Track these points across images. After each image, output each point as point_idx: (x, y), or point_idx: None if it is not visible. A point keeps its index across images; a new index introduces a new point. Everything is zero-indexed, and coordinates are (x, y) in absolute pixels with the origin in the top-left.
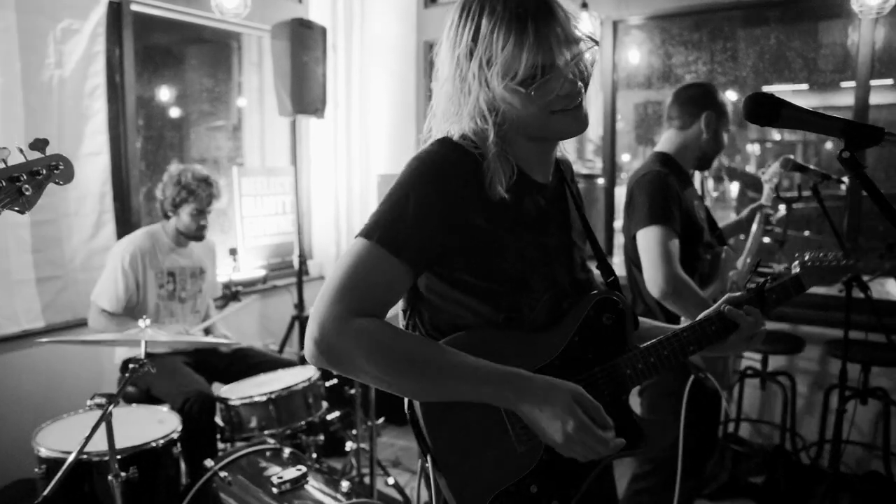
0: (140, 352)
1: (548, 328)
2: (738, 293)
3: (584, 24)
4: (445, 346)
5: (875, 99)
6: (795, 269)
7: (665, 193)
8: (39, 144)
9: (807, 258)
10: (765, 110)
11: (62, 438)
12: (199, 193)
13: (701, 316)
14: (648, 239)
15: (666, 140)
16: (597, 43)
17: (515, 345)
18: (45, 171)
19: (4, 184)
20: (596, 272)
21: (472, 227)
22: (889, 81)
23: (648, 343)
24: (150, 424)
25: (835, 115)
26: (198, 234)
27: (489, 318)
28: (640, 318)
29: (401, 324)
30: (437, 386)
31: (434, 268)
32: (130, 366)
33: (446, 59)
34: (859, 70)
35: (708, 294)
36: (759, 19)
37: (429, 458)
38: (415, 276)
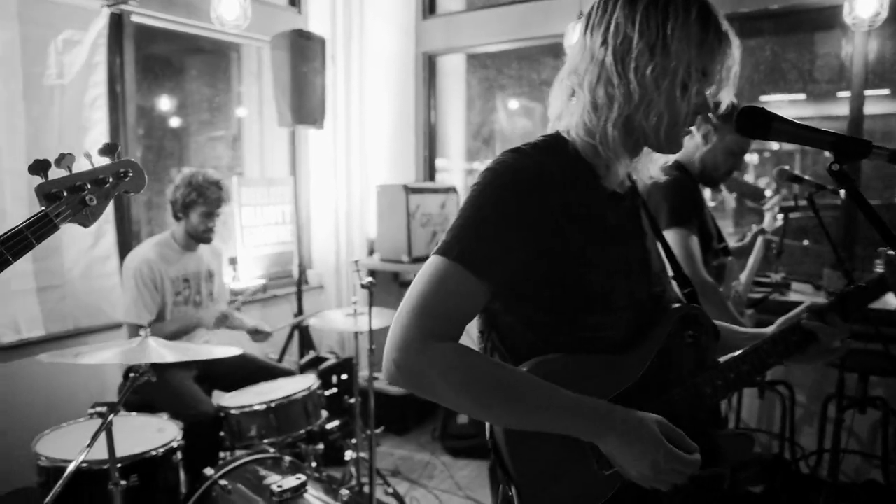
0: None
1: (627, 349)
2: (821, 301)
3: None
4: (526, 373)
5: (870, 109)
6: (879, 270)
7: (684, 196)
8: (109, 149)
9: (894, 255)
10: (756, 123)
11: (62, 447)
12: (209, 195)
13: (780, 326)
14: (672, 241)
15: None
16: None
17: (595, 369)
18: (112, 179)
19: (66, 194)
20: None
21: (556, 240)
22: (884, 91)
23: (728, 358)
24: (151, 433)
25: (825, 129)
26: (205, 235)
27: (569, 339)
28: (722, 325)
29: (477, 346)
30: (515, 415)
31: (514, 286)
32: (131, 374)
33: (591, 42)
34: (853, 81)
35: None
36: (753, 31)
37: (512, 489)
38: (493, 295)
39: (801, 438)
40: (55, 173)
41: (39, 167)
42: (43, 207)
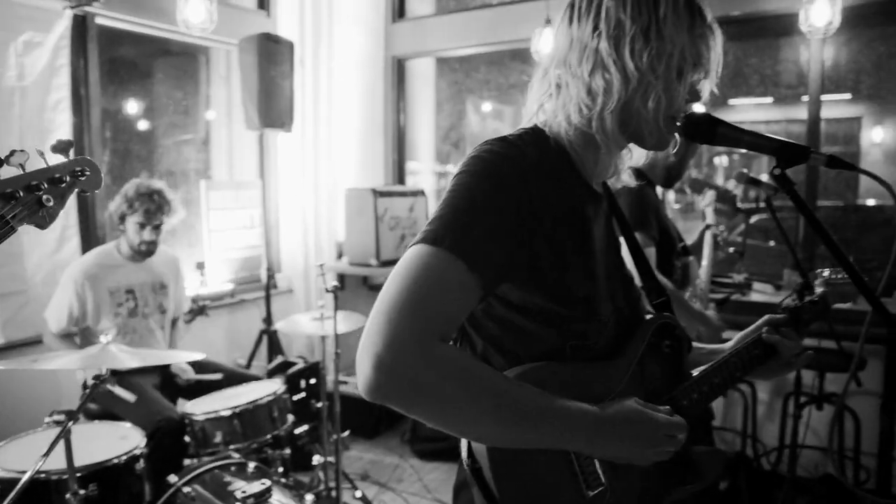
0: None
1: (610, 357)
2: (777, 315)
3: (546, 41)
4: (526, 384)
5: (833, 113)
6: (819, 289)
7: (642, 203)
8: (63, 147)
9: (827, 276)
10: (701, 129)
11: (19, 457)
12: (137, 207)
13: (741, 340)
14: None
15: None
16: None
17: (580, 378)
18: (68, 178)
19: (22, 194)
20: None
21: (541, 239)
22: (846, 96)
23: (701, 371)
24: (112, 441)
25: (768, 134)
26: (140, 248)
27: (553, 347)
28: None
29: None
30: (519, 430)
31: (500, 286)
32: (91, 381)
33: (580, 32)
34: (811, 86)
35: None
36: None
37: None
38: (482, 296)
39: (763, 435)
40: (7, 172)
41: None
42: None
